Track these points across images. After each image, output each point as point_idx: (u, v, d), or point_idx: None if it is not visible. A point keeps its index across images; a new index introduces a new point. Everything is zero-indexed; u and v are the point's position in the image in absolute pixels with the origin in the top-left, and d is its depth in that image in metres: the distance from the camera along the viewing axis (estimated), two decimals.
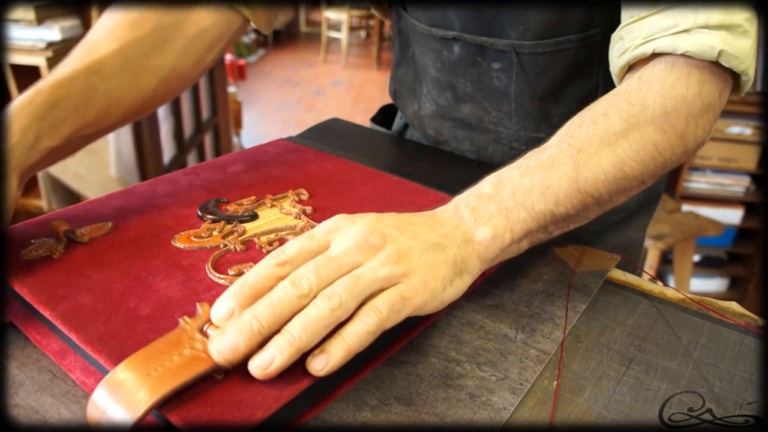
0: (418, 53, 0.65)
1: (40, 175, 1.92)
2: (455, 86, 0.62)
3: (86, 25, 1.84)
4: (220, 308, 0.33)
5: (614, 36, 0.49)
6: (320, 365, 0.32)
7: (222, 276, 0.41)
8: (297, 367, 0.33)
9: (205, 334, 0.33)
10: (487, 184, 0.42)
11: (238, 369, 0.33)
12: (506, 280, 0.50)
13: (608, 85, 0.53)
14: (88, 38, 0.49)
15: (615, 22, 0.50)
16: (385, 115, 0.80)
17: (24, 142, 0.41)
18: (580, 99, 0.58)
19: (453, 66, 0.61)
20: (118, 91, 0.48)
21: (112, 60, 0.48)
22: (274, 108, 4.21)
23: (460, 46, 0.59)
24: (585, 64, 0.56)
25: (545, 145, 0.44)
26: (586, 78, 0.57)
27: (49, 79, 0.44)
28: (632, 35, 0.46)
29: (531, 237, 0.43)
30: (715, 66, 0.43)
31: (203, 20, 0.54)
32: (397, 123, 0.79)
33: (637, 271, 0.55)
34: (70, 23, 1.81)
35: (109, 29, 0.49)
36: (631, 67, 0.48)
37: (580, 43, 0.55)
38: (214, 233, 0.47)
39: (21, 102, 0.42)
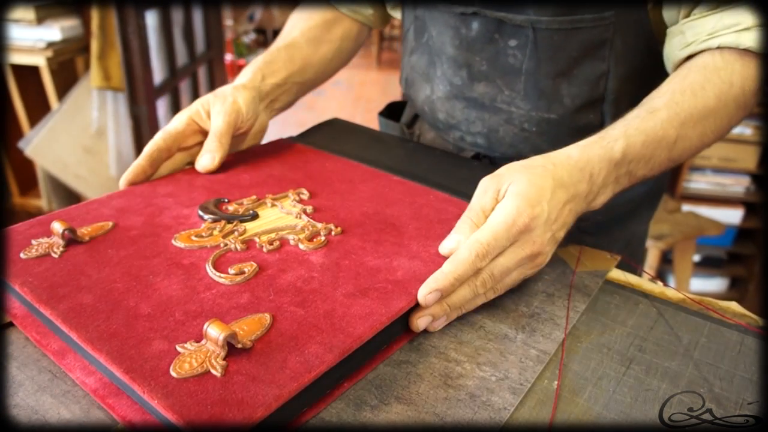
0: (435, 35, 0.67)
1: (39, 175, 1.92)
2: (471, 64, 0.64)
3: (86, 25, 1.84)
4: (429, 298, 0.40)
5: (673, 30, 0.55)
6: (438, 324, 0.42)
7: (222, 275, 0.41)
8: (297, 365, 0.33)
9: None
10: (618, 147, 0.47)
11: (239, 368, 0.33)
12: None
13: (619, 70, 0.59)
14: (284, 31, 0.74)
15: (627, 8, 0.55)
16: (392, 111, 0.83)
17: (255, 80, 0.64)
18: (592, 81, 0.60)
19: (470, 43, 0.63)
20: (308, 56, 0.71)
21: (300, 39, 0.71)
22: None
23: (479, 22, 0.61)
24: (598, 46, 0.58)
25: (655, 105, 0.49)
26: (598, 60, 0.59)
27: (261, 56, 0.67)
28: (695, 31, 0.52)
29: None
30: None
31: (348, 19, 0.76)
32: (406, 115, 0.80)
33: (638, 271, 0.55)
34: (70, 23, 1.81)
35: (294, 23, 0.74)
36: (688, 58, 0.54)
37: (594, 24, 0.57)
38: (215, 232, 0.47)
39: (245, 68, 0.66)
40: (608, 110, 0.61)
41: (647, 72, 0.61)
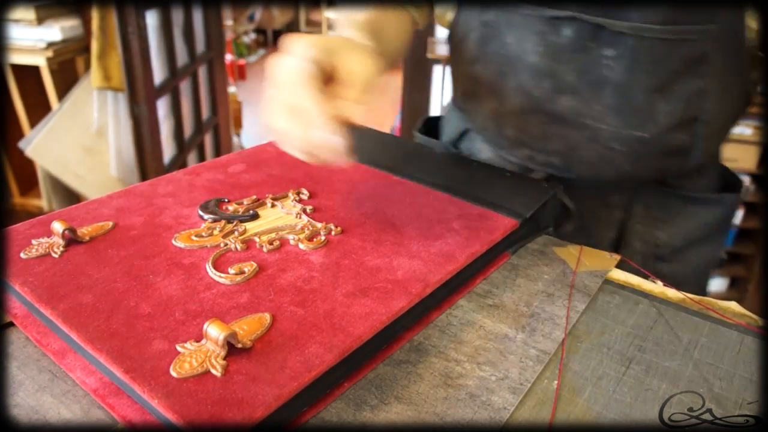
0: (511, 41, 0.60)
1: (40, 175, 1.92)
2: (556, 75, 0.58)
3: (86, 25, 1.84)
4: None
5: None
6: None
7: (222, 275, 0.41)
8: (297, 365, 0.33)
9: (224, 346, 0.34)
10: None
11: (239, 368, 0.33)
12: (506, 280, 0.50)
13: (716, 89, 0.55)
14: (339, 18, 0.61)
15: (731, 23, 0.53)
16: (428, 127, 0.78)
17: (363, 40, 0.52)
18: (688, 99, 0.56)
19: (558, 51, 0.57)
20: (394, 25, 0.63)
21: (380, 16, 0.61)
22: None
23: (573, 28, 0.56)
24: (699, 61, 0.55)
25: None
26: (698, 76, 0.55)
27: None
28: None
29: None
30: None
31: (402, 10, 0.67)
32: (449, 133, 0.73)
33: (642, 273, 0.54)
34: (70, 23, 1.81)
35: (349, 12, 0.61)
36: None
37: (698, 36, 0.53)
38: (215, 232, 0.47)
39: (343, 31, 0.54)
40: (701, 131, 0.57)
41: (740, 93, 0.58)
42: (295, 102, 0.41)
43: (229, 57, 3.69)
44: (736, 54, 0.55)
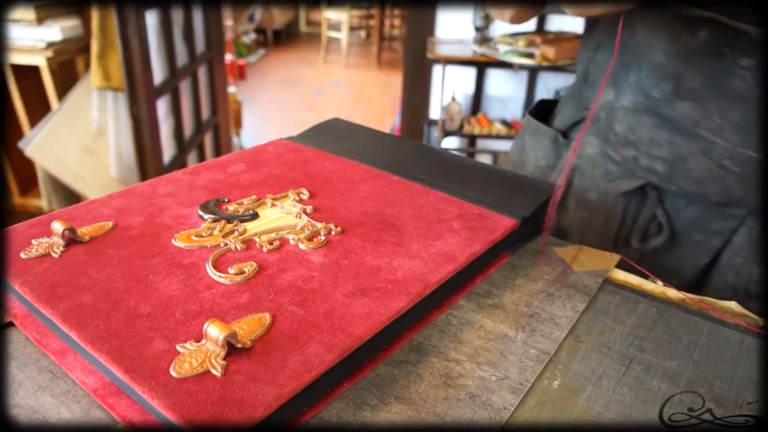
0: (641, 34, 0.56)
1: (39, 175, 1.92)
2: (681, 78, 0.54)
3: (86, 25, 1.84)
4: None
5: None
6: None
7: (223, 275, 0.41)
8: (297, 365, 0.34)
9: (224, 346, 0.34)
10: None
11: (239, 368, 0.33)
12: (506, 280, 0.50)
13: None
14: None
15: None
16: (542, 111, 0.74)
17: None
18: None
19: (689, 54, 0.53)
20: None
21: None
22: (274, 108, 4.20)
23: (710, 31, 0.51)
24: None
25: None
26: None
27: None
28: None
29: None
30: None
31: None
32: (562, 119, 0.70)
33: (642, 273, 0.53)
34: (70, 23, 1.81)
35: None
36: None
37: None
38: (215, 232, 0.47)
39: None
40: None
41: None
42: None
43: (229, 57, 3.70)
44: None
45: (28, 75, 1.84)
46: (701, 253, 0.59)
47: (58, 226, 0.44)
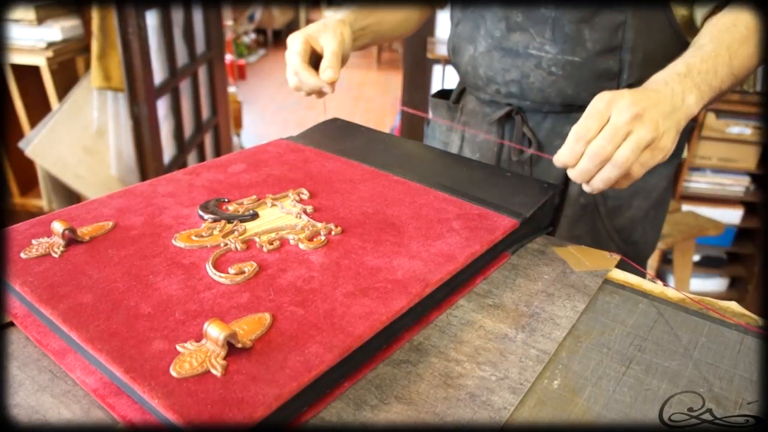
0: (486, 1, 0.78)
1: (40, 175, 1.92)
2: (509, 17, 0.75)
3: (86, 25, 1.84)
4: (560, 161, 0.54)
5: None
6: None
7: (222, 275, 0.41)
8: (297, 365, 0.34)
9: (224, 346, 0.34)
10: (680, 66, 0.57)
11: (239, 368, 0.33)
12: (506, 280, 0.50)
13: (635, 22, 0.68)
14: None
15: None
16: (441, 95, 0.95)
17: (349, 19, 0.75)
18: (611, 29, 0.69)
19: None
20: (385, 14, 0.83)
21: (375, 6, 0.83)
22: (274, 108, 4.20)
23: None
24: None
25: (701, 43, 0.60)
26: (617, 11, 0.69)
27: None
28: None
29: (708, 105, 0.60)
30: None
31: None
32: (453, 95, 0.92)
33: (639, 272, 0.57)
34: (70, 23, 1.81)
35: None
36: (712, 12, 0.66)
37: None
38: (215, 232, 0.47)
39: (341, 12, 0.78)
40: (626, 58, 0.70)
41: (660, 26, 0.70)
42: (290, 65, 0.69)
43: (229, 57, 3.69)
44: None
45: (28, 75, 1.84)
46: None
47: (58, 226, 0.44)
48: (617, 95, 0.53)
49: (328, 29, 0.72)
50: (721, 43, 0.60)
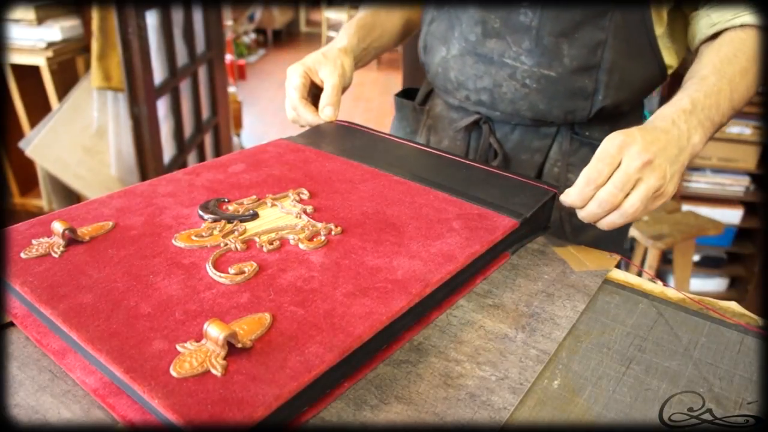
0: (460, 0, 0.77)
1: (40, 175, 1.92)
2: (486, 21, 0.72)
3: (86, 25, 1.84)
4: (567, 202, 0.55)
5: (699, 13, 0.67)
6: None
7: (222, 275, 0.41)
8: (297, 365, 0.34)
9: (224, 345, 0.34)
10: (685, 102, 0.58)
11: (239, 368, 0.33)
12: (506, 280, 0.50)
13: (616, 43, 0.67)
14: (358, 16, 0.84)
15: None
16: (406, 94, 0.93)
17: (352, 44, 0.77)
18: (591, 46, 0.68)
19: (488, 2, 0.71)
20: (384, 22, 0.84)
21: (375, 14, 0.84)
22: (274, 108, 4.20)
23: None
24: (599, 15, 0.66)
25: (704, 74, 0.61)
26: (598, 29, 0.67)
27: (354, 19, 0.82)
28: (720, 13, 0.65)
29: (711, 139, 0.61)
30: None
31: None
32: (419, 96, 0.90)
33: (626, 262, 0.59)
34: (70, 23, 1.81)
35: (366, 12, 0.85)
36: (714, 36, 0.66)
37: None
38: (215, 232, 0.47)
39: (343, 30, 0.80)
40: (602, 78, 0.69)
41: (640, 49, 0.69)
42: (289, 99, 0.72)
43: (229, 57, 3.69)
44: (636, 13, 0.67)
45: (28, 75, 1.84)
46: (529, 169, 0.76)
47: (58, 226, 0.44)
48: (629, 138, 0.53)
49: (328, 61, 0.71)
50: (723, 76, 0.60)
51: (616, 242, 0.82)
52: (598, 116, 0.72)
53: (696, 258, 2.15)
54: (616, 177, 0.52)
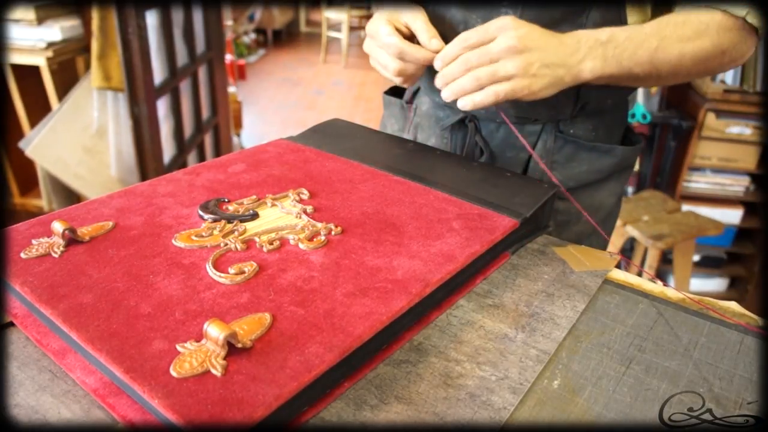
0: (447, 3, 0.77)
1: (40, 175, 1.92)
2: (467, 21, 0.72)
3: (86, 25, 1.84)
4: (437, 64, 0.60)
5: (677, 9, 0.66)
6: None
7: (222, 275, 0.41)
8: (297, 365, 0.34)
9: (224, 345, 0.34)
10: (605, 33, 0.59)
11: (239, 368, 0.33)
12: (506, 280, 0.50)
13: None
14: None
15: None
16: (396, 91, 0.93)
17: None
18: None
19: (468, 3, 0.71)
20: None
21: None
22: (274, 108, 4.20)
23: None
24: (577, 13, 0.67)
25: (643, 25, 0.61)
26: (576, 26, 0.67)
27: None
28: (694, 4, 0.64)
29: (611, 79, 0.62)
30: (743, 21, 0.63)
31: None
32: (406, 94, 0.89)
33: (626, 261, 0.59)
34: (70, 23, 1.81)
35: None
36: None
37: None
38: (215, 232, 0.47)
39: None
40: None
41: None
42: (389, 48, 0.65)
43: (229, 57, 3.69)
44: (612, 11, 0.66)
45: (28, 75, 1.84)
46: (514, 166, 0.75)
47: (58, 226, 0.44)
48: (515, 23, 0.55)
49: (402, 8, 0.70)
50: (657, 33, 0.61)
51: (600, 237, 0.82)
52: (581, 113, 0.72)
53: (696, 258, 2.15)
54: (480, 49, 0.55)
